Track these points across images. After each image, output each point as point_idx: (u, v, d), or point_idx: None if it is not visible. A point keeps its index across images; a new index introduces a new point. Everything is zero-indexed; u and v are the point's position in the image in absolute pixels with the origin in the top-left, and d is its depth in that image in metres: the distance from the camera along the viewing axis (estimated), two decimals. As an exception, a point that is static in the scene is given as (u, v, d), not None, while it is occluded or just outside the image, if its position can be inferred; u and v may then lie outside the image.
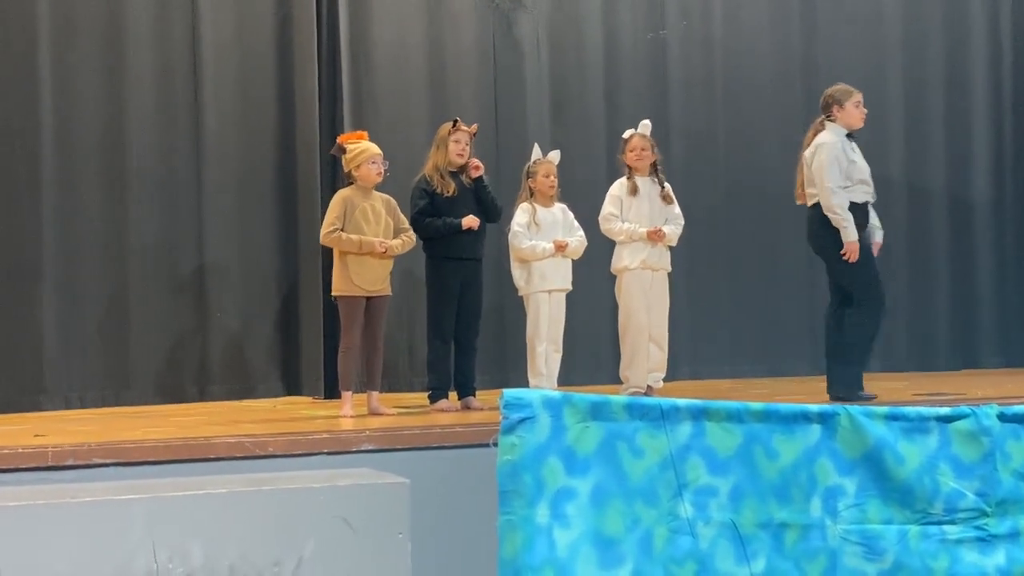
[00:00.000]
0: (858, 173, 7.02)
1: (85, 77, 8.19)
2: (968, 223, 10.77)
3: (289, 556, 4.39)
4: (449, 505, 5.26)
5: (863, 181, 7.05)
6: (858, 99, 7.12)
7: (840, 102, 7.09)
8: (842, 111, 7.07)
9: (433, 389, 7.23)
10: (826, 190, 6.93)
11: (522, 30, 9.42)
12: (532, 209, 7.41)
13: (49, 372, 7.96)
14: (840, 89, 7.17)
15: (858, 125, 7.12)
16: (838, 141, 7.01)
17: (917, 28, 10.74)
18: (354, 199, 6.90)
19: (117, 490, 4.42)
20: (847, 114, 7.07)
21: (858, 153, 7.09)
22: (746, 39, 10.23)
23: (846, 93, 7.13)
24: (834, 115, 7.09)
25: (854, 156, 7.04)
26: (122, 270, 8.24)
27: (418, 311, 8.22)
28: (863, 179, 7.05)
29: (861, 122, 7.13)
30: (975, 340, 10.69)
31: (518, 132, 9.22)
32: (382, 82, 8.95)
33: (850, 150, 7.04)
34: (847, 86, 7.21)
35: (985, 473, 4.46)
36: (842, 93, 7.13)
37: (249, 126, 8.68)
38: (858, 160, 7.05)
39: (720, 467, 4.21)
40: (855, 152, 7.07)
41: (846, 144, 7.04)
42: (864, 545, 4.32)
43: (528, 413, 4.04)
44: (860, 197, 7.03)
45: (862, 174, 7.05)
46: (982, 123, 10.87)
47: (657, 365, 7.53)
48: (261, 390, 8.58)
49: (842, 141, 7.02)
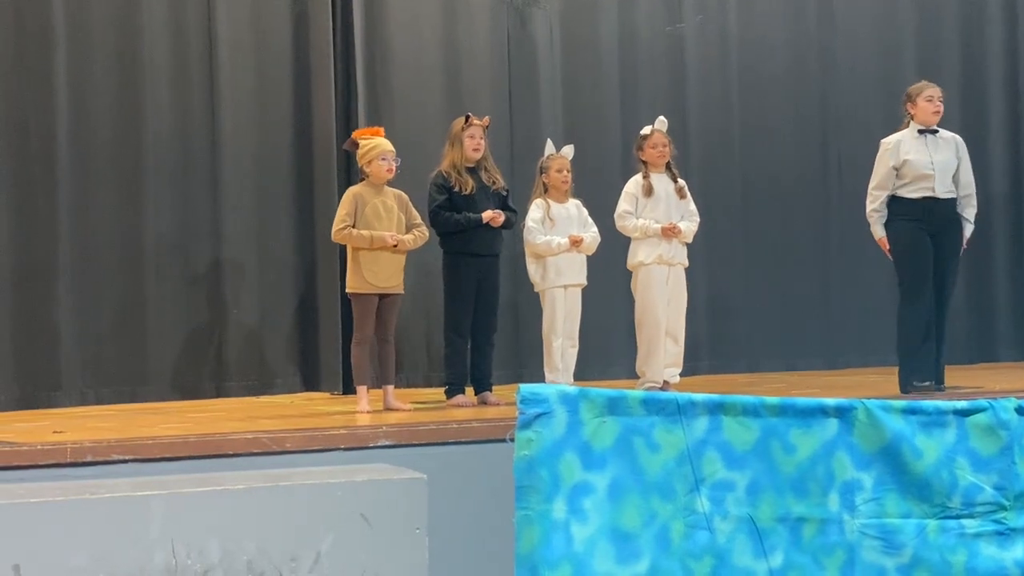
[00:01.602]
0: (913, 170, 7.26)
1: (100, 75, 8.21)
2: (985, 216, 10.69)
3: (307, 552, 4.40)
4: (466, 500, 5.27)
5: (920, 177, 7.27)
6: (929, 93, 7.37)
7: (911, 98, 7.41)
8: (914, 107, 7.39)
9: (449, 384, 7.24)
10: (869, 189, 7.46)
11: (536, 26, 9.41)
12: (546, 205, 7.40)
13: (66, 368, 7.98)
14: (914, 86, 7.50)
15: (928, 121, 7.37)
16: (890, 141, 7.38)
17: (933, 20, 10.69)
18: (365, 195, 6.91)
19: (135, 486, 4.44)
20: (919, 110, 7.37)
21: (928, 149, 7.32)
22: (762, 32, 10.19)
23: (916, 89, 7.44)
24: (908, 111, 7.44)
25: (912, 155, 7.28)
26: (139, 266, 8.26)
27: (435, 307, 8.23)
28: (920, 175, 7.27)
29: (933, 117, 7.37)
30: (992, 333, 10.65)
31: (532, 128, 9.21)
32: (397, 78, 8.95)
33: (910, 148, 7.30)
34: (923, 82, 7.53)
35: (1003, 467, 4.45)
36: (913, 89, 7.46)
37: (265, 122, 8.69)
38: (914, 157, 7.27)
39: (737, 461, 4.20)
40: (917, 150, 7.31)
41: (905, 143, 7.32)
42: (882, 539, 4.31)
43: (544, 408, 4.04)
44: (915, 193, 7.29)
45: (920, 170, 7.26)
46: (999, 115, 10.83)
47: (673, 360, 7.53)
48: (278, 386, 8.59)
49: (900, 141, 7.34)
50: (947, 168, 7.31)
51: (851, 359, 10.00)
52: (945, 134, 7.46)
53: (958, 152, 7.41)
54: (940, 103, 7.38)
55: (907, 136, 7.36)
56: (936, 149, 7.33)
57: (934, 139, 7.36)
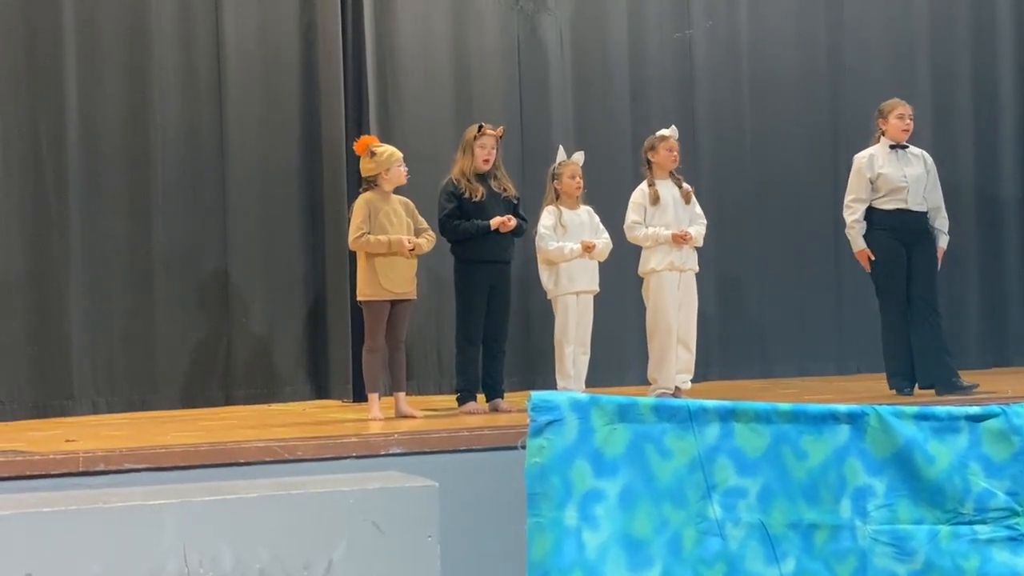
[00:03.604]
0: (887, 183, 7.63)
1: (110, 83, 8.23)
2: (997, 220, 10.70)
3: (319, 559, 4.40)
4: (477, 508, 5.27)
5: (894, 189, 7.63)
6: (900, 111, 7.75)
7: (883, 114, 7.79)
8: (886, 124, 7.76)
9: (461, 392, 7.24)
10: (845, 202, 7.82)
11: (546, 32, 9.41)
12: (558, 211, 7.41)
13: (78, 377, 8.00)
14: (886, 103, 7.84)
15: (898, 138, 7.75)
16: (864, 156, 7.74)
17: (944, 24, 10.66)
18: (376, 202, 6.93)
19: (148, 495, 4.44)
20: (890, 127, 7.75)
21: (899, 163, 7.69)
22: (772, 37, 10.18)
23: (888, 107, 7.80)
24: (879, 127, 7.81)
25: (885, 168, 7.64)
26: (148, 274, 8.27)
27: (446, 314, 8.24)
28: (894, 187, 7.63)
29: (902, 134, 7.75)
30: (1005, 338, 10.62)
31: (543, 134, 9.22)
32: (408, 85, 8.96)
33: (883, 162, 7.66)
34: (895, 99, 7.85)
35: (1016, 472, 4.44)
36: (885, 106, 7.81)
37: (274, 131, 8.70)
38: (887, 171, 7.64)
39: (749, 468, 4.20)
40: (890, 164, 7.67)
41: (878, 157, 7.68)
42: (894, 545, 4.30)
43: (556, 415, 4.04)
44: (888, 204, 7.66)
45: (892, 183, 7.63)
46: (1009, 119, 10.80)
47: (685, 366, 7.53)
48: (288, 394, 8.59)
49: (873, 155, 7.70)
50: (919, 181, 7.69)
51: (863, 364, 9.97)
52: (914, 150, 7.85)
53: (927, 167, 7.79)
54: (910, 120, 7.80)
55: (879, 151, 7.75)
56: (907, 163, 7.73)
57: (904, 154, 7.77)
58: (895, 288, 7.65)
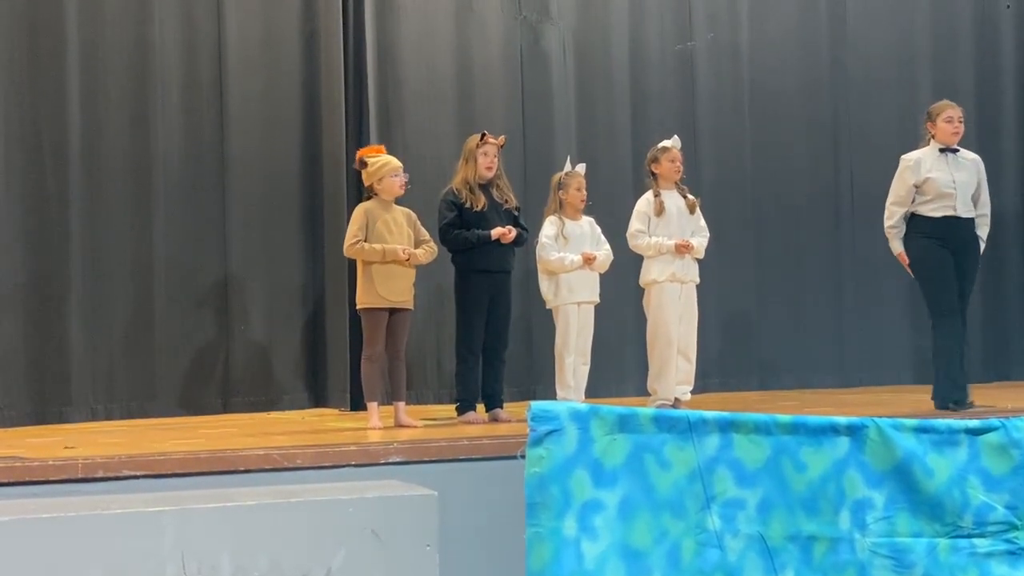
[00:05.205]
0: (934, 188, 7.26)
1: (112, 93, 8.24)
2: (998, 233, 10.67)
3: (317, 568, 4.40)
4: (476, 517, 5.26)
5: (942, 195, 7.26)
6: (949, 114, 7.38)
7: (931, 117, 7.43)
8: (934, 127, 7.40)
9: (461, 401, 7.23)
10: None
11: (549, 42, 9.43)
12: (560, 222, 7.41)
13: (76, 383, 8.00)
14: (934, 105, 7.50)
15: (948, 141, 7.36)
16: (911, 158, 7.36)
17: (946, 35, 10.68)
18: (375, 211, 6.93)
19: (147, 502, 4.44)
20: (939, 130, 7.38)
21: (949, 168, 7.32)
22: (773, 49, 10.20)
23: (936, 109, 7.44)
24: (928, 130, 7.45)
25: (933, 172, 7.27)
26: (148, 282, 8.27)
27: (446, 323, 8.24)
28: (941, 193, 7.25)
29: (952, 137, 7.36)
30: (1006, 352, 10.61)
31: (545, 144, 9.23)
32: (409, 95, 8.96)
33: (931, 166, 7.29)
34: (944, 101, 7.50)
35: (1015, 486, 4.44)
36: (934, 109, 7.46)
37: (275, 140, 8.71)
38: (936, 175, 7.27)
39: (748, 479, 4.20)
40: (938, 168, 7.29)
41: (926, 161, 7.31)
42: (893, 558, 4.30)
43: (556, 425, 4.04)
44: (936, 212, 7.27)
45: (940, 188, 7.25)
46: (1011, 132, 10.81)
47: (685, 377, 7.52)
48: (286, 402, 8.60)
49: (921, 159, 7.33)
50: (967, 187, 7.32)
51: (864, 377, 9.98)
52: (966, 154, 7.46)
53: (978, 172, 7.44)
54: (960, 124, 7.39)
55: (928, 154, 7.35)
56: (957, 168, 7.35)
57: (955, 158, 7.38)
58: (948, 302, 7.25)
